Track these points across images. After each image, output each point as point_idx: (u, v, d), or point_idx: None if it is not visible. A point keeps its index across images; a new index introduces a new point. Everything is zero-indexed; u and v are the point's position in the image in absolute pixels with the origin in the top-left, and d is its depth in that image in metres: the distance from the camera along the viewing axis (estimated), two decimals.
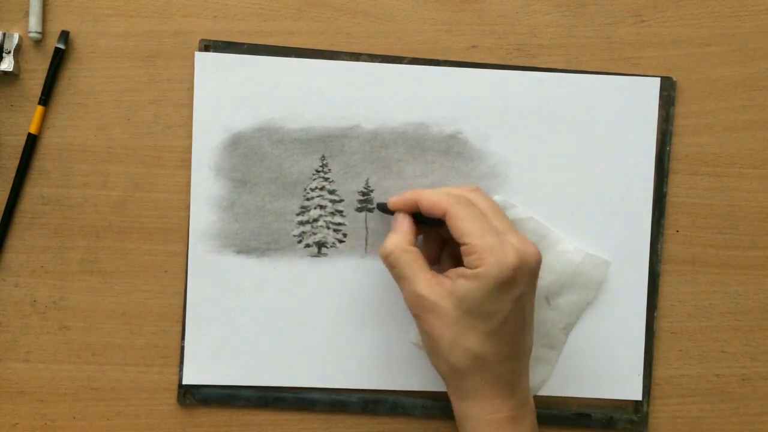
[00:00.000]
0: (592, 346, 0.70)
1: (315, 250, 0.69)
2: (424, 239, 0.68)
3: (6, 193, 0.69)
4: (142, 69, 0.69)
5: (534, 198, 0.70)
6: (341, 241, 0.69)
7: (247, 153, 0.69)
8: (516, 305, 0.60)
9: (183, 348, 0.69)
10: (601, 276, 0.70)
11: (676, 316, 0.71)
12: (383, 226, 0.69)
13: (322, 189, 0.69)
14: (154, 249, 0.70)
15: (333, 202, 0.69)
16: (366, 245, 0.69)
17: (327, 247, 0.69)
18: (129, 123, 0.69)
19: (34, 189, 0.69)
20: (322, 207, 0.69)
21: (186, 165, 0.69)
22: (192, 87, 0.69)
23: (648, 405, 0.71)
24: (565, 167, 0.70)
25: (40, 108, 0.68)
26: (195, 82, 0.69)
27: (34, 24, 0.68)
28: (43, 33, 0.69)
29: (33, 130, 0.68)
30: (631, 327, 0.70)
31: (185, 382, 0.69)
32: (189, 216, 0.69)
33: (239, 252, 0.69)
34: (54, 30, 0.69)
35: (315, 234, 0.69)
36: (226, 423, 0.70)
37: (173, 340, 0.70)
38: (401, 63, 0.70)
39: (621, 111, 0.70)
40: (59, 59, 0.68)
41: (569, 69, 0.70)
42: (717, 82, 0.71)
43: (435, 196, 0.63)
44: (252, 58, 0.69)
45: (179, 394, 0.70)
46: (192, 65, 0.69)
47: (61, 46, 0.68)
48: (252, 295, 0.69)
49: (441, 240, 0.68)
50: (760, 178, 0.71)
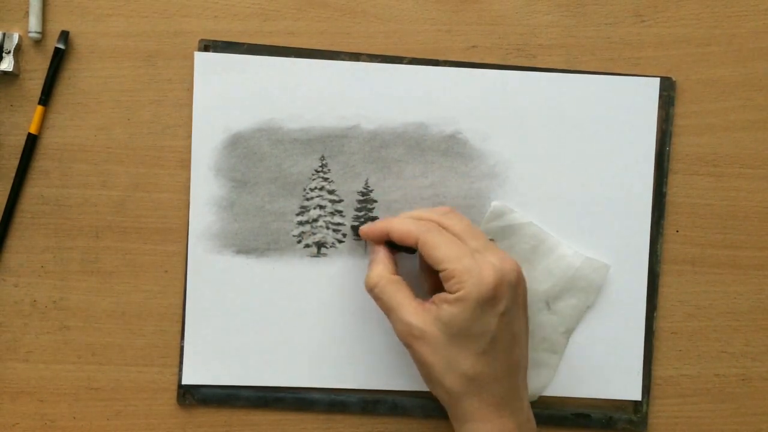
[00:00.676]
0: (591, 345, 0.70)
1: (314, 250, 0.69)
2: (420, 264, 0.68)
3: (6, 193, 0.69)
4: (142, 69, 0.69)
5: (534, 198, 0.70)
6: (341, 241, 0.69)
7: (247, 153, 0.69)
8: (502, 322, 0.60)
9: (182, 348, 0.69)
10: (601, 279, 0.70)
11: (676, 316, 0.71)
12: None
13: (321, 189, 0.69)
14: (153, 249, 0.70)
15: (332, 202, 0.69)
16: (366, 245, 0.69)
17: (326, 247, 0.69)
18: (129, 123, 0.69)
19: (34, 189, 0.69)
20: (321, 207, 0.69)
21: (186, 165, 0.69)
22: (192, 87, 0.69)
23: (647, 405, 0.71)
24: (565, 167, 0.70)
25: (40, 108, 0.68)
26: (195, 82, 0.69)
27: (34, 24, 0.68)
28: (43, 33, 0.69)
29: (33, 130, 0.68)
30: (631, 327, 0.70)
31: (185, 382, 0.69)
32: (189, 216, 0.69)
33: (239, 252, 0.69)
34: (54, 30, 0.69)
35: (314, 234, 0.69)
36: (225, 423, 0.70)
37: (173, 340, 0.70)
38: (401, 63, 0.70)
39: (621, 111, 0.70)
40: (59, 59, 0.68)
41: (569, 69, 0.70)
42: (717, 82, 0.71)
43: (405, 225, 0.63)
44: (252, 58, 0.69)
45: (179, 394, 0.70)
46: (192, 65, 0.69)
47: (61, 46, 0.68)
48: (251, 295, 0.69)
49: None
50: (760, 178, 0.71)
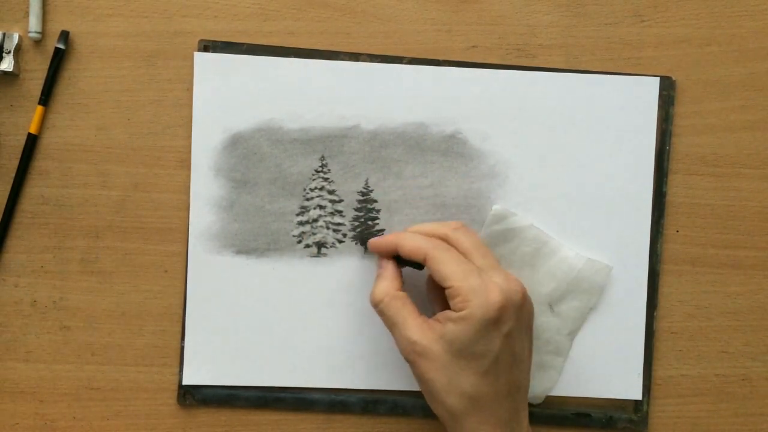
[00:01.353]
0: (592, 345, 0.70)
1: (315, 250, 0.69)
2: (428, 281, 0.68)
3: (6, 193, 0.69)
4: (142, 69, 0.69)
5: (533, 198, 0.70)
6: (341, 241, 0.69)
7: (247, 153, 0.69)
8: (505, 342, 0.60)
9: (183, 348, 0.69)
10: (603, 281, 0.70)
11: (676, 316, 0.71)
12: (385, 226, 0.69)
13: (321, 189, 0.69)
14: (154, 249, 0.70)
15: (332, 202, 0.69)
16: (366, 247, 0.69)
17: (327, 248, 0.69)
18: (129, 123, 0.69)
19: (34, 189, 0.69)
20: (321, 207, 0.69)
21: (186, 165, 0.69)
22: (191, 87, 0.69)
23: (648, 405, 0.71)
24: (565, 167, 0.70)
25: (40, 108, 0.68)
26: (194, 82, 0.69)
27: (34, 24, 0.68)
28: (43, 33, 0.69)
29: (33, 130, 0.68)
30: (631, 327, 0.70)
31: (185, 382, 0.69)
32: (189, 216, 0.69)
33: (239, 252, 0.69)
34: (54, 30, 0.69)
35: (314, 234, 0.69)
36: (225, 423, 0.70)
37: (173, 340, 0.70)
38: (401, 63, 0.70)
39: (620, 111, 0.70)
40: (59, 59, 0.68)
41: (569, 69, 0.70)
42: (717, 82, 0.71)
43: (414, 241, 0.63)
44: (251, 58, 0.69)
45: (179, 394, 0.70)
46: (192, 65, 0.69)
47: (61, 46, 0.68)
48: (251, 296, 0.69)
49: None
50: (760, 178, 0.71)
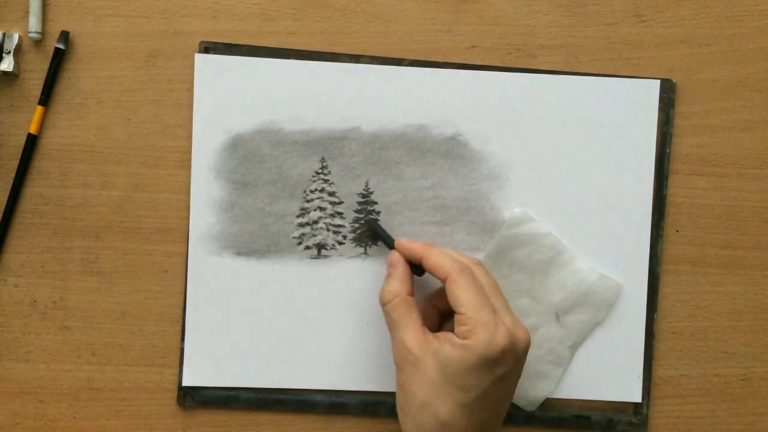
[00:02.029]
0: (591, 347, 0.71)
1: (315, 251, 0.69)
2: (431, 297, 0.68)
3: (6, 193, 0.69)
4: (142, 69, 0.69)
5: (534, 200, 0.70)
6: (341, 243, 0.69)
7: (247, 155, 0.69)
8: (495, 384, 0.60)
9: (183, 349, 0.69)
10: (613, 298, 0.70)
11: (676, 316, 0.71)
12: (385, 228, 0.69)
13: (321, 191, 0.69)
14: (154, 249, 0.70)
15: (333, 204, 0.69)
16: (366, 247, 0.69)
17: (327, 249, 0.69)
18: (129, 123, 0.69)
19: (34, 189, 0.69)
20: (321, 209, 0.69)
21: (186, 165, 0.69)
22: (192, 87, 0.69)
23: (648, 407, 0.71)
24: (566, 169, 0.70)
25: (40, 108, 0.68)
26: (195, 84, 0.69)
27: (34, 24, 0.68)
28: (43, 33, 0.69)
29: (33, 130, 0.68)
30: (631, 328, 0.70)
31: (185, 383, 0.69)
32: (189, 216, 0.69)
33: (239, 254, 0.69)
34: (54, 30, 0.69)
35: (315, 236, 0.69)
36: (225, 424, 0.70)
37: (173, 340, 0.70)
38: (401, 65, 0.69)
39: (621, 113, 0.70)
40: (59, 59, 0.68)
41: (569, 69, 0.70)
42: (717, 82, 0.71)
43: (440, 258, 0.63)
44: (252, 60, 0.69)
45: (179, 395, 0.70)
46: (192, 65, 0.69)
47: (61, 46, 0.68)
48: (251, 297, 0.69)
49: None
50: (760, 178, 0.71)
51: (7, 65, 0.68)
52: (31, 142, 0.69)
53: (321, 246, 0.69)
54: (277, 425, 0.70)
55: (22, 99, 0.69)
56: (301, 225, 0.69)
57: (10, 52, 0.68)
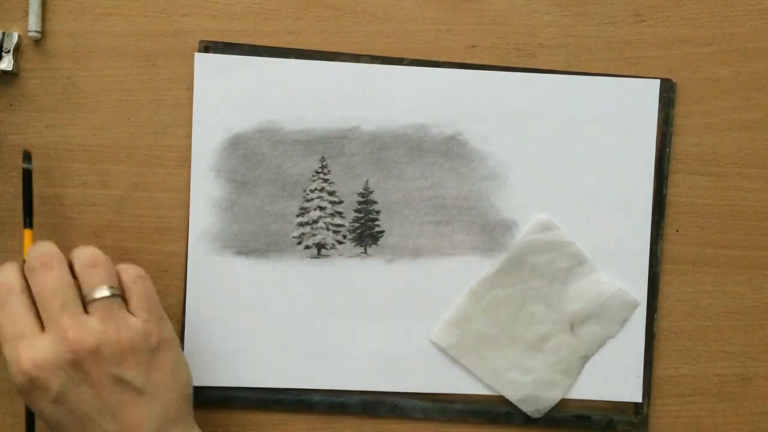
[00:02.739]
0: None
1: (314, 251, 0.69)
2: None
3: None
4: (142, 69, 0.69)
5: (534, 199, 0.70)
6: (341, 243, 0.69)
7: (247, 154, 0.69)
8: (57, 408, 0.58)
9: (182, 349, 0.69)
10: (628, 313, 0.70)
11: (676, 316, 0.71)
12: (385, 227, 0.69)
13: (321, 190, 0.69)
14: (153, 249, 0.70)
15: (333, 203, 0.69)
16: (367, 247, 0.69)
17: (327, 249, 0.69)
18: (129, 123, 0.69)
19: (34, 189, 0.69)
20: (321, 208, 0.69)
21: (185, 164, 0.69)
22: (191, 87, 0.69)
23: (648, 407, 0.71)
24: (565, 169, 0.70)
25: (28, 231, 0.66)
26: (195, 83, 0.69)
27: (33, 23, 0.68)
28: (43, 32, 0.69)
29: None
30: (631, 328, 0.70)
31: None
32: (188, 215, 0.69)
33: (239, 253, 0.69)
34: (54, 29, 0.69)
35: (315, 235, 0.69)
36: (225, 424, 0.70)
37: None
38: (401, 64, 0.69)
39: (621, 113, 0.70)
40: (28, 179, 0.66)
41: (569, 68, 0.70)
42: (717, 82, 0.71)
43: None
44: (252, 59, 0.69)
45: None
46: (192, 65, 0.69)
47: (27, 166, 0.66)
48: (251, 297, 0.69)
49: None
50: (760, 178, 0.71)
51: (7, 64, 0.68)
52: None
53: (321, 245, 0.69)
54: (277, 425, 0.70)
55: (21, 98, 0.69)
56: (301, 224, 0.69)
57: (9, 51, 0.68)
